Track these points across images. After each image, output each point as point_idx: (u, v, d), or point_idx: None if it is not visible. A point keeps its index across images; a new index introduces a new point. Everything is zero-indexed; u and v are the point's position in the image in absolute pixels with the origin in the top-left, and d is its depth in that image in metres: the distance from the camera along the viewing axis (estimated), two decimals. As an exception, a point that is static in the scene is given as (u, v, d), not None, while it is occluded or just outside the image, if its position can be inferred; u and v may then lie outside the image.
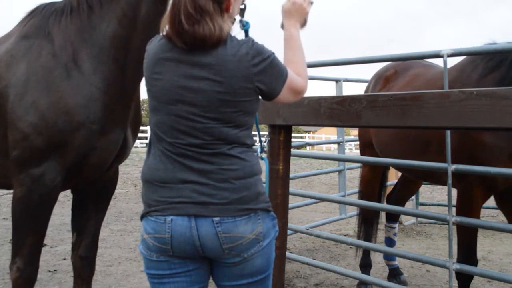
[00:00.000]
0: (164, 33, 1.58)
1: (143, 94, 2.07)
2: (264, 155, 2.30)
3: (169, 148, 1.57)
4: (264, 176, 2.39)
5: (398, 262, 4.62)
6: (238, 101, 1.56)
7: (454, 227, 3.00)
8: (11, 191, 2.45)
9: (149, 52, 1.64)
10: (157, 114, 1.59)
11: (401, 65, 4.07)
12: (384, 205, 4.26)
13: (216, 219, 1.53)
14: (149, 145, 1.67)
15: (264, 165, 2.16)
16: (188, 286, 1.64)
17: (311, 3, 1.82)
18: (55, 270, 4.32)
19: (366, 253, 4.20)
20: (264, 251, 1.62)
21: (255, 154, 1.71)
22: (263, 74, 1.57)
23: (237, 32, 1.71)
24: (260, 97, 1.64)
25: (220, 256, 1.58)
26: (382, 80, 4.11)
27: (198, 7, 1.50)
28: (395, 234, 4.51)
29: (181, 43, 1.53)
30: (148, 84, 1.62)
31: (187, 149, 1.55)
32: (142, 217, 1.64)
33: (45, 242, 5.04)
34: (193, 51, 1.55)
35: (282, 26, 1.82)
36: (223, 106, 1.54)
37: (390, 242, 4.47)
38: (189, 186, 1.55)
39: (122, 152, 2.56)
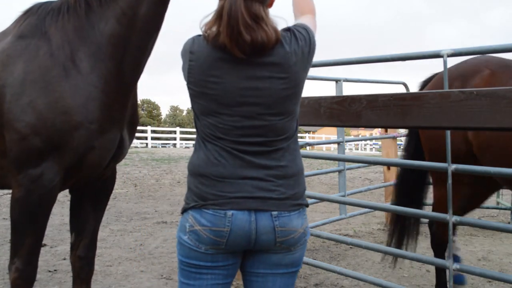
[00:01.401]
0: (213, 37, 1.55)
1: (143, 94, 2.06)
2: None
3: (230, 145, 1.59)
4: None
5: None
6: (299, 92, 1.63)
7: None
8: (11, 191, 2.45)
9: (198, 54, 1.60)
10: (216, 116, 1.59)
11: (495, 64, 3.31)
12: (383, 204, 4.26)
13: (275, 213, 1.59)
14: (201, 141, 1.66)
15: None
16: (223, 279, 1.67)
17: None
18: (55, 270, 4.32)
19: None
20: (304, 245, 1.71)
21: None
22: (310, 64, 1.67)
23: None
24: None
25: (270, 248, 1.63)
26: (476, 80, 3.27)
27: (254, 15, 1.52)
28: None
29: (239, 53, 1.52)
30: (201, 87, 1.59)
31: (250, 146, 1.59)
32: (192, 208, 1.63)
33: (45, 242, 5.05)
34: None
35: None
36: (287, 101, 1.59)
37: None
38: (249, 182, 1.59)
39: (119, 152, 2.55)
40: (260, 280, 1.69)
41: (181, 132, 30.56)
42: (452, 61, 3.25)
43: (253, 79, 1.55)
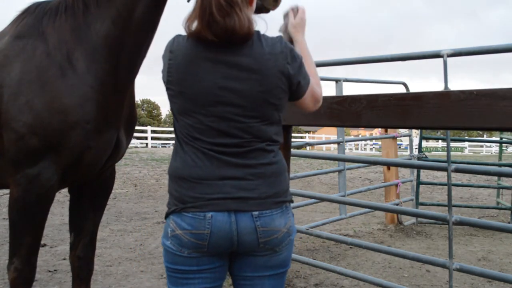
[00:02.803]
0: (192, 30, 1.57)
1: (143, 94, 2.06)
2: None
3: (207, 146, 1.58)
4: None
5: (398, 262, 4.62)
6: (275, 98, 1.60)
7: (454, 227, 3.00)
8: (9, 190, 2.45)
9: (177, 53, 1.60)
10: (193, 116, 1.58)
11: None
12: (383, 204, 4.26)
13: (255, 213, 1.58)
14: (179, 144, 1.65)
15: None
16: (212, 282, 1.66)
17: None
18: (55, 270, 4.32)
19: None
20: (290, 245, 1.68)
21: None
22: (296, 72, 1.62)
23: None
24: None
25: (254, 250, 1.61)
26: None
27: None
28: None
29: (211, 36, 1.52)
30: (178, 86, 1.59)
31: (226, 147, 1.58)
32: (172, 213, 1.63)
33: (45, 242, 5.05)
34: (229, 50, 1.55)
35: (280, 31, 1.88)
36: (264, 104, 1.58)
37: None
38: (228, 182, 1.57)
39: (116, 152, 2.55)
40: (248, 284, 1.68)
41: (181, 132, 30.43)
42: (452, 61, 3.25)
43: (229, 79, 1.55)
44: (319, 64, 4.04)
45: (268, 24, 1.69)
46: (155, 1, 2.26)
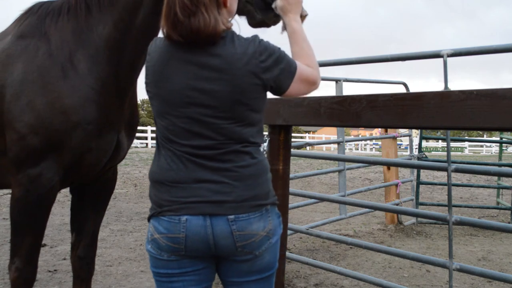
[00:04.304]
0: (164, 32, 1.57)
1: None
2: None
3: (181, 149, 1.57)
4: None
5: (398, 262, 4.62)
6: (248, 99, 1.56)
7: (454, 227, 3.00)
8: (11, 191, 2.45)
9: (153, 55, 1.61)
10: (167, 117, 1.58)
11: None
12: (383, 204, 4.26)
13: (231, 217, 1.55)
14: (157, 146, 1.65)
15: None
16: (197, 285, 1.65)
17: None
18: (55, 270, 4.32)
19: None
20: (273, 248, 1.64)
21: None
22: (271, 69, 1.58)
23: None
24: (268, 92, 1.66)
25: (232, 253, 1.59)
26: None
27: None
28: None
29: (177, 36, 1.52)
30: (155, 88, 1.60)
31: (200, 150, 1.56)
32: (152, 217, 1.63)
33: (45, 242, 5.05)
34: (200, 50, 1.54)
35: (283, 29, 1.83)
36: (235, 105, 1.55)
37: None
38: (203, 185, 1.55)
39: (116, 154, 2.55)
40: None
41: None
42: (452, 61, 3.26)
43: (201, 80, 1.53)
44: (319, 64, 4.04)
45: (241, 28, 1.67)
46: (157, 6, 2.27)
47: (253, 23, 2.03)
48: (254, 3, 1.98)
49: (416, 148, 8.42)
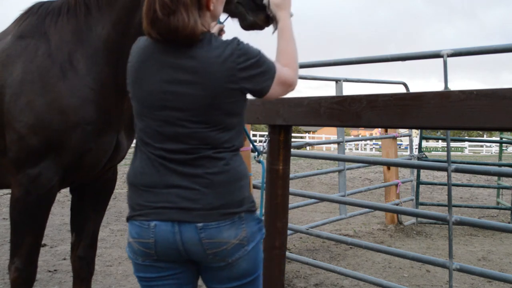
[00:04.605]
0: (144, 29, 1.55)
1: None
2: (261, 158, 2.31)
3: (155, 152, 1.55)
4: (254, 178, 2.39)
5: (398, 262, 4.62)
6: (223, 103, 1.53)
7: (454, 227, 3.00)
8: (11, 191, 2.45)
9: (133, 55, 1.61)
10: (143, 119, 1.57)
11: None
12: (383, 204, 4.26)
13: (199, 225, 1.51)
14: (135, 149, 1.64)
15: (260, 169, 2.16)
16: None
17: None
18: (55, 270, 4.32)
19: None
20: (249, 255, 1.59)
21: (240, 156, 1.65)
22: (249, 74, 1.54)
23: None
24: (248, 95, 1.62)
25: (205, 260, 1.57)
26: None
27: None
28: None
29: (155, 34, 1.50)
30: (132, 88, 1.59)
31: (172, 154, 1.53)
32: (127, 220, 1.62)
33: (45, 242, 5.05)
34: (176, 52, 1.52)
35: (275, 29, 1.83)
36: (209, 109, 1.51)
37: None
38: (173, 191, 1.52)
39: (115, 154, 2.55)
40: None
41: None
42: (452, 61, 3.26)
43: (175, 83, 1.50)
44: (319, 64, 4.04)
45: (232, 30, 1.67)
46: None
47: (245, 25, 2.02)
48: (245, 5, 1.98)
49: (416, 148, 8.41)
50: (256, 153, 2.35)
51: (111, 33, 2.32)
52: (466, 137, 31.81)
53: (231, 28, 2.03)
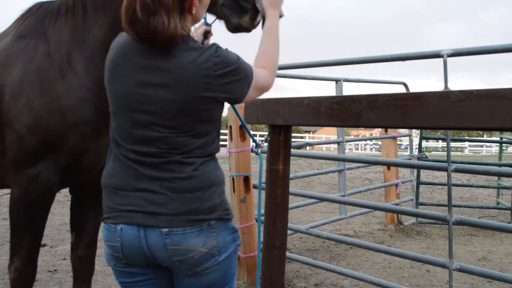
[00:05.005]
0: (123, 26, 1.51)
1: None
2: (259, 150, 2.31)
3: (125, 154, 1.52)
4: (254, 178, 2.39)
5: (398, 262, 4.62)
6: (195, 110, 1.47)
7: (454, 227, 3.00)
8: (10, 191, 2.45)
9: (111, 52, 1.56)
10: (117, 119, 1.54)
11: None
12: (383, 204, 4.26)
13: (165, 230, 1.46)
14: (109, 150, 1.62)
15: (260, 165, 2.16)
16: None
17: None
18: (55, 270, 4.32)
19: None
20: (220, 266, 1.53)
21: (216, 162, 1.61)
22: (225, 82, 1.49)
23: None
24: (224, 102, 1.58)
25: (173, 266, 1.53)
26: None
27: None
28: None
29: (133, 33, 1.46)
30: (108, 86, 1.56)
31: (142, 156, 1.49)
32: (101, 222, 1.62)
33: (45, 242, 5.05)
34: (153, 54, 1.47)
35: (258, 4, 1.80)
36: (180, 115, 1.47)
37: None
38: (141, 194, 1.49)
39: None
40: None
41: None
42: (452, 61, 3.26)
43: (148, 86, 1.46)
44: (319, 64, 4.04)
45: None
46: None
47: (230, 28, 1.99)
48: (229, 7, 1.95)
49: (416, 148, 8.42)
50: (254, 144, 2.36)
51: (108, 34, 2.31)
52: (466, 137, 31.81)
53: (219, 30, 2.00)
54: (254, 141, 2.43)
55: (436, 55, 3.08)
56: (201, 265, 1.50)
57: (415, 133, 10.38)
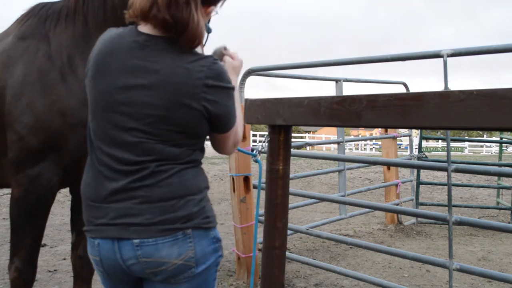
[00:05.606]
0: (129, 16, 1.43)
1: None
2: (258, 158, 2.32)
3: (101, 159, 1.44)
4: (254, 178, 2.39)
5: (398, 262, 4.62)
6: (176, 118, 1.38)
7: (454, 227, 3.00)
8: (11, 191, 2.45)
9: (96, 48, 1.46)
10: (95, 119, 1.45)
11: None
12: (383, 204, 4.26)
13: (136, 241, 1.38)
14: (89, 155, 1.54)
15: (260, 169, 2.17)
16: None
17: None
18: (55, 270, 4.32)
19: None
20: (197, 278, 1.43)
21: (199, 169, 1.51)
22: (214, 100, 1.41)
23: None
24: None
25: (150, 279, 1.45)
26: None
27: None
28: None
29: (154, 22, 1.37)
30: (89, 84, 1.46)
31: (116, 163, 1.40)
32: None
33: (45, 242, 5.05)
34: (141, 52, 1.39)
35: (215, 55, 1.70)
36: (159, 122, 1.37)
37: None
38: (113, 206, 1.40)
39: None
40: None
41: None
42: (452, 61, 3.26)
43: (132, 87, 1.38)
44: (319, 64, 4.04)
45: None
46: None
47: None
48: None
49: (416, 148, 8.42)
50: (254, 151, 2.38)
51: None
52: (466, 137, 31.81)
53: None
54: (252, 153, 2.44)
55: (436, 55, 3.07)
56: (176, 277, 1.42)
57: (415, 133, 10.38)
